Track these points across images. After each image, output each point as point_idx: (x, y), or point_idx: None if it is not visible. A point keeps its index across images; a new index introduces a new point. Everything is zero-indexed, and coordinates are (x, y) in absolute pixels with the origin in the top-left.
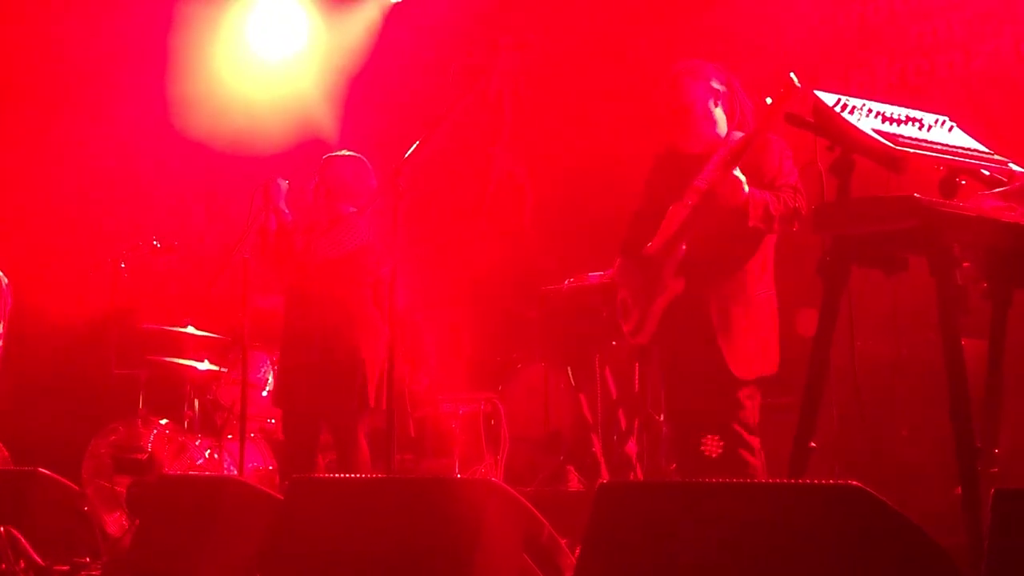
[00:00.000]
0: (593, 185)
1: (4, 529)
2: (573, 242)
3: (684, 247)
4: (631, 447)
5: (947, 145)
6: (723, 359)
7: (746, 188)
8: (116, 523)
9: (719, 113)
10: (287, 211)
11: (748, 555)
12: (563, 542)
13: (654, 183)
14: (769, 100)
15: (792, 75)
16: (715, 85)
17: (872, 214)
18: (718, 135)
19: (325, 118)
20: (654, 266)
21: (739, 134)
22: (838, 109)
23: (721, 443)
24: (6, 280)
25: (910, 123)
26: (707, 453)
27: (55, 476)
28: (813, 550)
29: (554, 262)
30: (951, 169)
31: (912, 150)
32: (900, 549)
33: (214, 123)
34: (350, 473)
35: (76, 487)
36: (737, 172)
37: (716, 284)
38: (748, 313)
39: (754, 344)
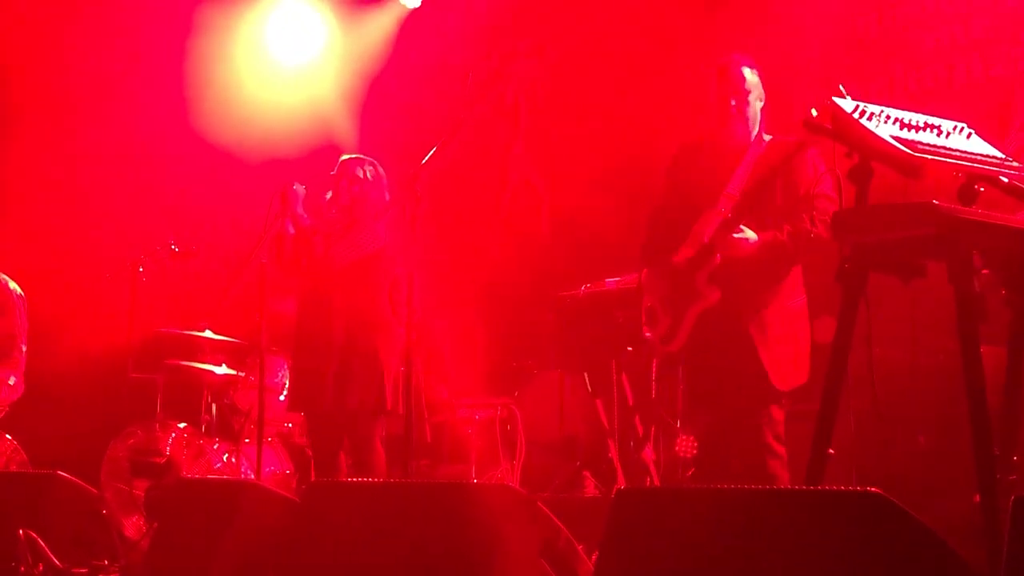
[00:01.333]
0: (610, 191)
1: (23, 532)
2: (589, 248)
3: (719, 257)
4: (648, 453)
5: (966, 152)
6: (764, 371)
7: (751, 240)
8: (134, 526)
9: (758, 110)
10: (305, 216)
11: (767, 562)
12: (580, 548)
13: (679, 175)
14: (815, 112)
15: (841, 87)
16: (759, 83)
17: (890, 221)
18: (750, 133)
19: (343, 123)
20: (686, 274)
21: (768, 137)
22: (856, 115)
23: (695, 444)
24: (20, 291)
25: (928, 130)
26: (680, 454)
27: (74, 479)
28: (833, 557)
29: (570, 267)
30: (970, 176)
31: (930, 157)
32: (920, 557)
33: (232, 127)
34: (367, 477)
35: (94, 490)
36: (740, 232)
37: (752, 295)
38: (784, 323)
39: (791, 354)
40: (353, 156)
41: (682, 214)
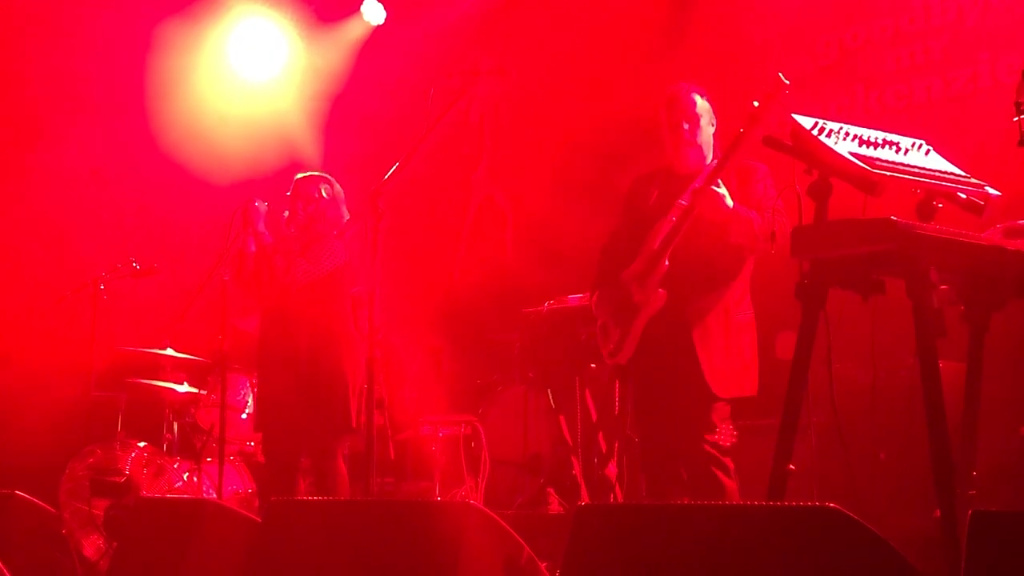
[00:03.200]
0: (574, 208)
1: None
2: (553, 265)
3: (666, 263)
4: (611, 469)
5: (924, 168)
6: (701, 373)
7: (729, 202)
8: (93, 546)
9: (711, 135)
10: (266, 233)
11: None
12: (543, 565)
13: (634, 203)
14: (756, 103)
15: (780, 74)
16: (710, 108)
17: (849, 237)
18: (704, 158)
19: (305, 140)
20: (635, 284)
21: (711, 161)
22: (815, 132)
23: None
24: None
25: (887, 146)
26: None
27: (32, 499)
28: (790, 571)
29: (534, 285)
30: (928, 192)
31: (889, 173)
32: (876, 570)
33: (194, 144)
34: (329, 496)
35: (53, 510)
36: (720, 187)
37: (697, 301)
38: (728, 332)
39: (732, 363)
40: (309, 174)
41: (634, 239)
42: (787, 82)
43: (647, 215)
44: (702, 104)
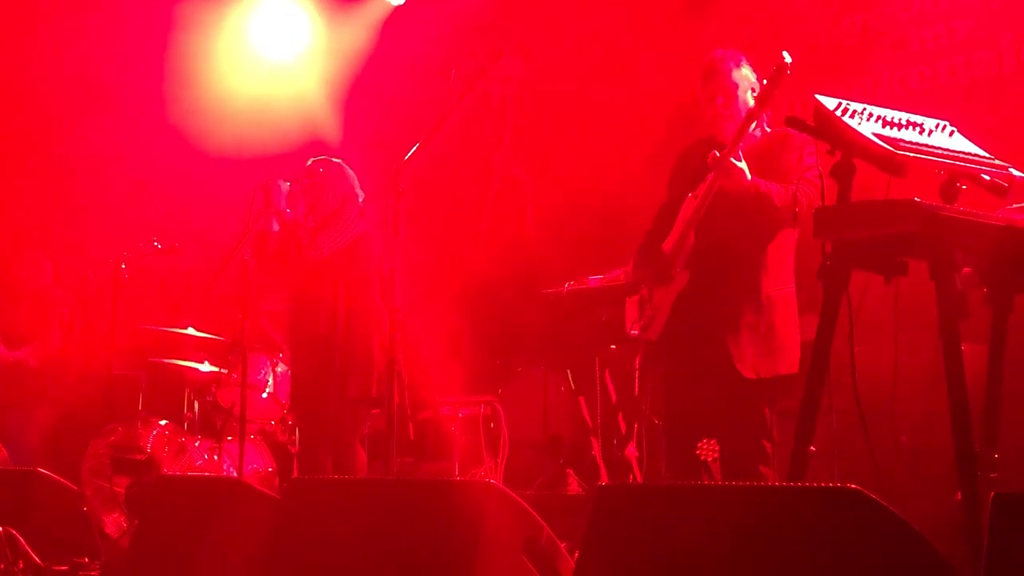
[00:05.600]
0: (594, 189)
1: (3, 529)
2: (573, 245)
3: (692, 239)
4: (631, 451)
5: (948, 150)
6: (729, 357)
7: (748, 176)
8: (115, 524)
9: (750, 101)
10: (289, 212)
11: (747, 558)
12: (563, 545)
13: (677, 174)
14: (764, 81)
15: (784, 53)
16: (750, 75)
17: (872, 218)
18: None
19: (326, 119)
20: (667, 260)
21: (767, 129)
22: (839, 113)
23: (716, 448)
24: None
25: (911, 127)
26: (702, 457)
27: (54, 476)
28: (811, 552)
29: (554, 265)
30: (952, 173)
31: (913, 154)
32: (897, 552)
33: (216, 124)
34: (345, 474)
35: (75, 488)
36: (739, 160)
37: (724, 278)
38: (759, 310)
39: (764, 343)
40: (319, 158)
41: (674, 211)
42: (789, 60)
43: (688, 187)
44: (739, 73)
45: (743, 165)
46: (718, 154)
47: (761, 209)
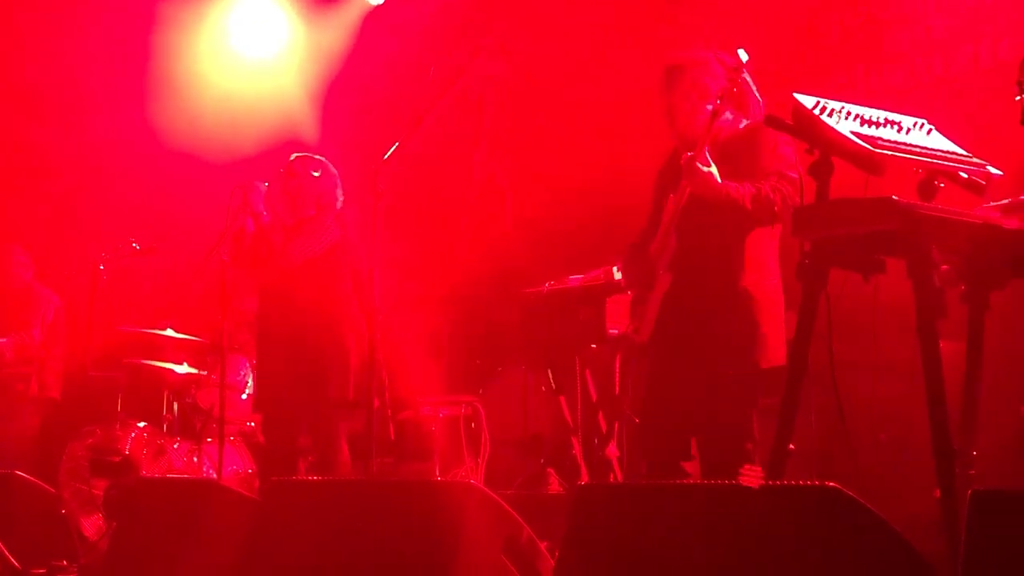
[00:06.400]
0: (573, 188)
1: None
2: (553, 245)
3: (674, 241)
4: (611, 450)
5: (925, 148)
6: (711, 355)
7: (717, 179)
8: (93, 526)
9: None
10: (266, 213)
11: (726, 557)
12: (543, 545)
13: (662, 176)
14: (743, 54)
15: (740, 51)
16: (707, 77)
17: (850, 216)
18: (720, 127)
19: (306, 119)
20: (652, 263)
21: (746, 122)
22: (817, 112)
23: (762, 475)
24: None
25: (888, 126)
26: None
27: (32, 479)
28: (791, 551)
29: (534, 265)
30: (929, 171)
31: (891, 152)
32: (876, 550)
33: (194, 123)
34: (330, 476)
35: (53, 490)
36: (707, 165)
37: (704, 277)
38: (740, 307)
39: (746, 339)
40: (302, 155)
41: (658, 214)
42: (746, 58)
43: (668, 187)
44: (690, 79)
45: (711, 169)
46: (688, 155)
47: (734, 211)
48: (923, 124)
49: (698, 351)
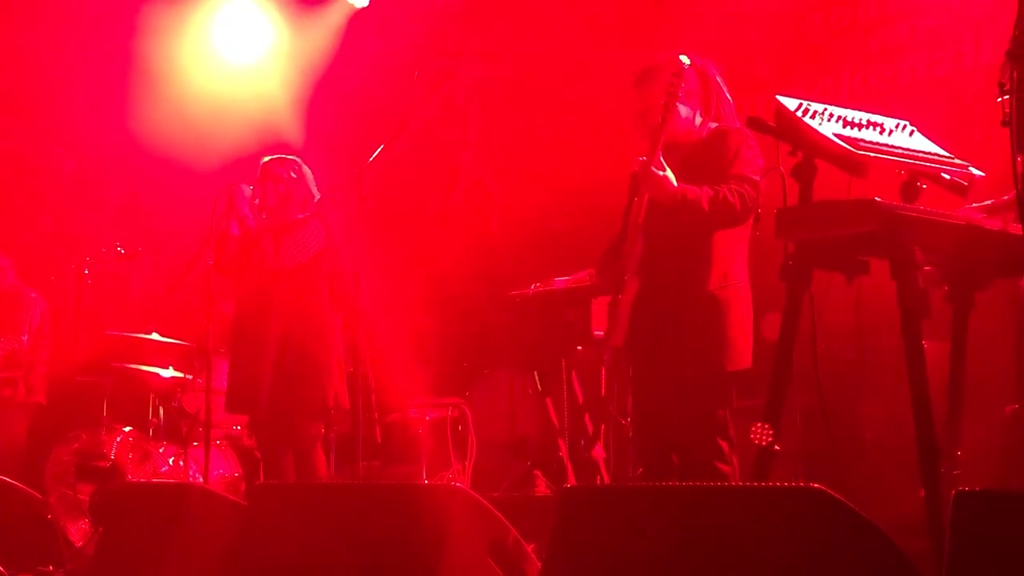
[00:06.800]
0: (559, 191)
1: None
2: (539, 247)
3: (640, 246)
4: (598, 452)
5: (908, 149)
6: (680, 357)
7: (673, 183)
8: (79, 531)
9: (682, 109)
10: (250, 216)
11: (712, 558)
12: (531, 547)
13: (631, 182)
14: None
15: (681, 56)
16: (673, 81)
17: (834, 218)
18: (686, 130)
19: (289, 122)
20: (622, 267)
21: (714, 125)
22: (799, 114)
23: (770, 432)
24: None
25: (871, 127)
26: (755, 440)
27: (17, 484)
28: (776, 552)
29: (520, 267)
30: (912, 173)
31: (873, 154)
32: (861, 551)
33: (178, 127)
34: (306, 480)
35: (39, 495)
36: (661, 169)
37: (668, 281)
38: (705, 308)
39: (712, 341)
40: (275, 157)
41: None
42: (688, 63)
43: (635, 192)
44: (659, 85)
45: (666, 173)
46: (641, 160)
47: (692, 215)
48: (905, 126)
49: (666, 354)
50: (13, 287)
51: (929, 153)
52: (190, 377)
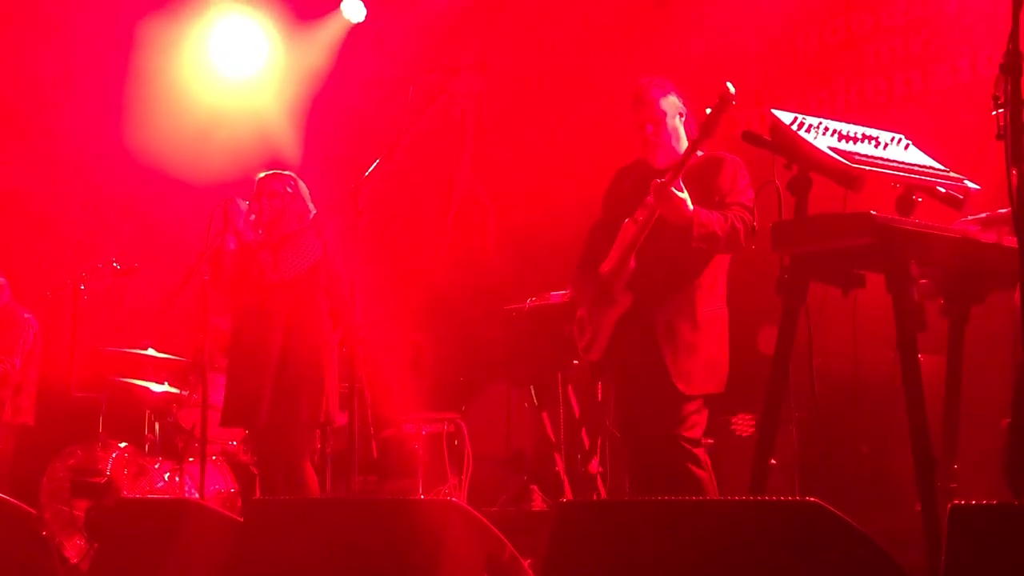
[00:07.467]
0: (554, 205)
1: None
2: (535, 262)
3: (633, 263)
4: (594, 466)
5: (903, 163)
6: (668, 375)
7: (690, 206)
8: (75, 548)
9: (681, 129)
10: (246, 231)
11: (709, 573)
12: (526, 562)
13: (613, 196)
14: (708, 110)
15: (728, 84)
16: (677, 101)
17: (829, 231)
18: (674, 151)
19: (286, 137)
20: (607, 283)
21: (700, 153)
22: (795, 127)
23: (751, 423)
24: None
25: (866, 141)
26: (737, 432)
27: (12, 500)
28: (773, 566)
29: (516, 281)
30: (907, 186)
31: (868, 168)
32: (857, 565)
33: (174, 142)
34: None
35: (34, 511)
36: (681, 191)
37: (663, 301)
38: (695, 330)
39: (701, 361)
40: (271, 172)
41: (610, 232)
42: (734, 91)
43: (622, 209)
44: (667, 101)
45: (684, 195)
46: (660, 182)
47: (702, 238)
48: (900, 139)
49: (655, 370)
50: (8, 308)
51: (924, 166)
52: (186, 393)
